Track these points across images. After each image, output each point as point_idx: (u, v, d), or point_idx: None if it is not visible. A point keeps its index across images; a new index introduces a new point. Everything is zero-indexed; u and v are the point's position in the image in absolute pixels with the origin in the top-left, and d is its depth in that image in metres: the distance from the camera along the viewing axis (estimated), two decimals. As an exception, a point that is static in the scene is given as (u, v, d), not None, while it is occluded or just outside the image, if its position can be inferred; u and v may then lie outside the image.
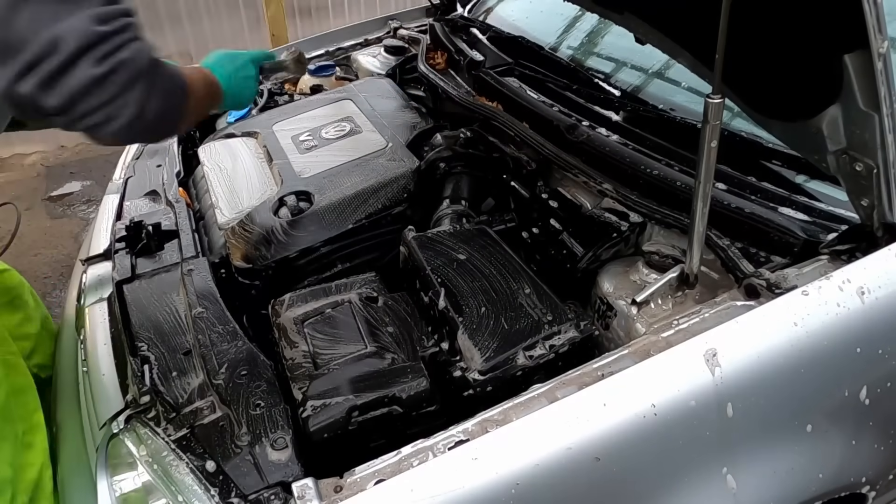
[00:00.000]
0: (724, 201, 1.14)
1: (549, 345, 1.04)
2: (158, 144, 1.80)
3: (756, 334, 0.93)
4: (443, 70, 1.92)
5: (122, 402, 1.01)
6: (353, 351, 1.10)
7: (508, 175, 1.50)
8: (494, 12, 2.11)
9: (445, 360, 1.09)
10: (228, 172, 1.63)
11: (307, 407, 0.99)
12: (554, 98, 1.56)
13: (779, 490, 0.99)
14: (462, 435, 0.85)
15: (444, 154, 1.51)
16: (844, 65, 0.89)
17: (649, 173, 1.25)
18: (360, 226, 1.38)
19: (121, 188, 1.64)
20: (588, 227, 1.28)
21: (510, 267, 1.19)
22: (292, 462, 0.89)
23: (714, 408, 0.90)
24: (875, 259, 1.00)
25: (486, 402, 0.90)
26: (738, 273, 1.03)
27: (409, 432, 0.99)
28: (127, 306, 1.22)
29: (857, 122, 0.92)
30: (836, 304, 0.96)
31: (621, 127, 1.41)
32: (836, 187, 1.10)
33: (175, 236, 1.42)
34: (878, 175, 0.93)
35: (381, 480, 0.81)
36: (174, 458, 0.91)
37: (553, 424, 0.84)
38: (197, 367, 1.06)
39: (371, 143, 1.61)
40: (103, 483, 0.95)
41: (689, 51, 1.20)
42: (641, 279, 1.14)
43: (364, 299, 1.21)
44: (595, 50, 1.75)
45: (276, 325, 1.19)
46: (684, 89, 1.46)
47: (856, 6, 0.83)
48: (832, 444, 1.03)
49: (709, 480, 0.93)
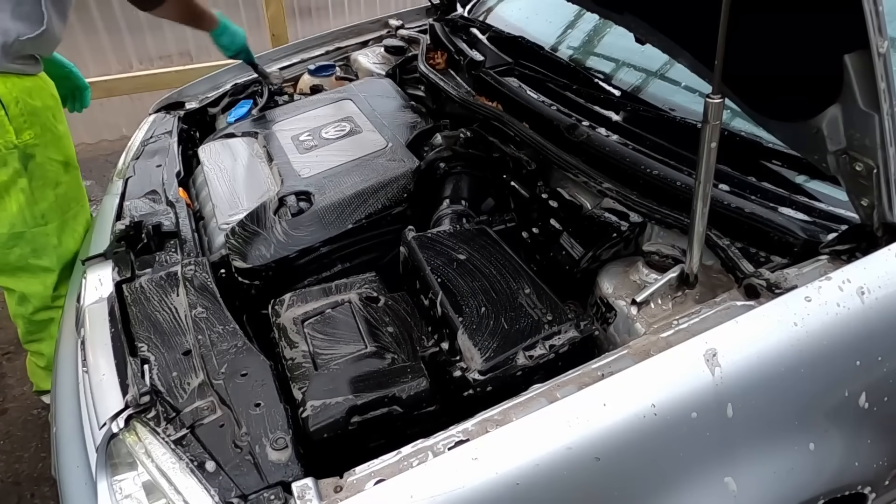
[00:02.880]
0: (724, 201, 1.14)
1: (549, 345, 1.04)
2: (158, 144, 1.81)
3: (756, 334, 0.93)
4: (443, 70, 1.92)
5: (122, 402, 1.01)
6: (353, 351, 1.10)
7: (508, 175, 1.50)
8: (494, 12, 2.11)
9: (445, 360, 1.09)
10: (228, 172, 1.63)
11: (307, 407, 0.99)
12: (554, 98, 1.56)
13: (779, 490, 0.99)
14: (462, 435, 0.85)
15: (444, 154, 1.51)
16: (844, 65, 0.89)
17: (649, 173, 1.25)
18: (360, 226, 1.38)
19: (121, 188, 1.64)
20: (588, 228, 1.28)
21: (510, 267, 1.19)
22: (292, 462, 0.89)
23: (714, 408, 0.90)
24: (875, 259, 1.00)
25: (486, 402, 0.90)
26: (738, 273, 1.03)
27: (409, 432, 0.99)
28: (127, 306, 1.22)
29: (857, 122, 0.92)
30: (836, 304, 0.96)
31: (621, 127, 1.41)
32: (836, 187, 1.10)
33: (175, 236, 1.42)
34: (878, 175, 0.93)
35: (381, 480, 0.81)
36: (174, 458, 0.91)
37: (553, 424, 0.84)
38: (197, 367, 1.06)
39: (371, 143, 1.61)
40: (103, 483, 0.95)
41: (689, 51, 1.20)
42: (641, 279, 1.13)
43: (364, 299, 1.21)
44: (595, 50, 1.75)
45: (276, 325, 1.19)
46: (684, 89, 1.46)
47: (856, 6, 0.83)
48: (832, 444, 1.03)
49: (708, 480, 0.93)
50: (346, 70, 2.24)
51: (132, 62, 3.78)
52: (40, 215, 1.61)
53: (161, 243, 1.40)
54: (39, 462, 2.06)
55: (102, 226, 1.54)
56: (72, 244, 1.69)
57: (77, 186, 1.71)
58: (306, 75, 2.17)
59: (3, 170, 1.52)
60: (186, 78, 2.32)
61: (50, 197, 1.61)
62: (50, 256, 1.66)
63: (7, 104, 1.48)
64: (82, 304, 1.29)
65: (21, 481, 2.01)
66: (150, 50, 3.79)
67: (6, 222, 1.58)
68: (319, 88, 2.10)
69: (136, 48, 3.77)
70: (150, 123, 1.96)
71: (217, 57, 2.36)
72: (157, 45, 3.80)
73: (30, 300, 1.73)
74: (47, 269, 1.68)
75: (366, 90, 1.88)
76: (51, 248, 1.65)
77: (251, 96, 2.11)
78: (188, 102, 2.07)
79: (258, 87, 2.12)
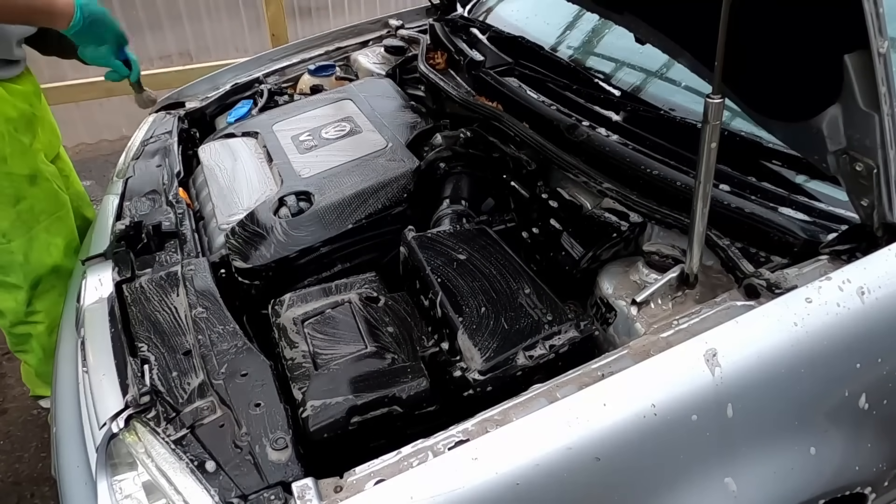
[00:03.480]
0: (724, 201, 1.14)
1: (549, 345, 1.04)
2: (158, 144, 1.81)
3: (756, 334, 0.93)
4: (443, 70, 1.92)
5: (122, 402, 1.01)
6: (353, 351, 1.10)
7: (508, 175, 1.50)
8: (494, 12, 2.11)
9: (445, 360, 1.09)
10: (228, 172, 1.63)
11: (307, 407, 0.99)
12: (554, 98, 1.56)
13: (779, 490, 0.99)
14: (462, 435, 0.85)
15: (444, 154, 1.51)
16: (844, 65, 0.89)
17: (649, 173, 1.25)
18: (360, 226, 1.38)
19: (121, 188, 1.64)
20: (588, 228, 1.28)
21: (510, 267, 1.19)
22: (292, 462, 0.89)
23: (714, 408, 0.90)
24: (875, 259, 1.00)
25: (486, 402, 0.90)
26: (738, 273, 1.03)
27: (409, 432, 0.99)
28: (127, 306, 1.22)
29: (858, 122, 0.92)
30: (836, 304, 0.96)
31: (621, 127, 1.41)
32: (836, 187, 1.10)
33: (175, 236, 1.42)
34: (878, 175, 0.93)
35: (381, 480, 0.81)
36: (174, 458, 0.91)
37: (553, 424, 0.84)
38: (197, 367, 1.06)
39: (371, 143, 1.61)
40: (103, 483, 0.95)
41: (689, 51, 1.20)
42: (641, 279, 1.13)
43: (364, 299, 1.21)
44: (595, 50, 1.75)
45: (276, 325, 1.19)
46: (684, 89, 1.46)
47: (856, 6, 0.83)
48: (832, 444, 1.03)
49: (708, 480, 0.93)
50: (346, 70, 2.24)
51: (132, 62, 3.78)
52: (1, 234, 1.55)
53: (161, 243, 1.40)
54: (39, 462, 2.06)
55: (102, 226, 1.54)
56: (45, 258, 1.63)
57: (50, 197, 1.63)
58: (306, 75, 2.17)
59: None
60: (186, 78, 2.32)
61: (10, 215, 1.55)
62: (17, 273, 1.62)
63: None
64: (82, 304, 1.29)
65: (21, 481, 2.01)
66: (150, 50, 3.79)
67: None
68: (319, 88, 2.10)
69: (136, 48, 3.72)
70: (150, 123, 1.96)
71: (217, 57, 2.35)
72: (157, 45, 3.80)
73: (6, 315, 1.70)
74: (16, 286, 1.63)
75: (366, 90, 1.88)
76: (16, 265, 1.60)
77: (251, 97, 2.11)
78: (188, 102, 2.07)
79: (258, 88, 2.12)
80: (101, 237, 1.49)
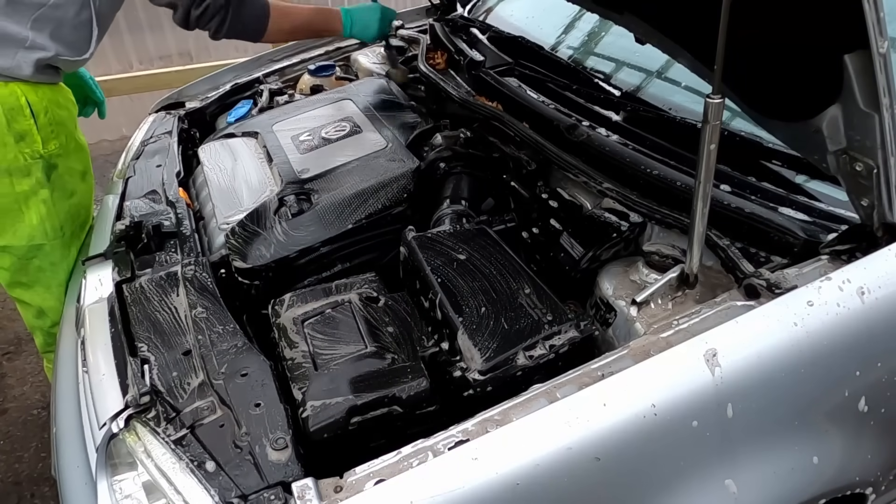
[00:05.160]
0: (724, 201, 1.14)
1: (549, 345, 1.04)
2: (158, 144, 1.81)
3: (756, 334, 0.93)
4: (443, 70, 1.92)
5: (122, 402, 1.01)
6: (353, 351, 1.10)
7: (508, 175, 1.50)
8: (494, 12, 2.11)
9: (445, 360, 1.09)
10: (228, 172, 1.63)
11: (307, 407, 0.99)
12: (554, 98, 1.56)
13: (779, 490, 0.99)
14: (462, 435, 0.85)
15: (444, 154, 1.51)
16: (844, 65, 0.89)
17: (649, 173, 1.25)
18: (360, 226, 1.38)
19: (121, 188, 1.64)
20: (588, 228, 1.28)
21: (510, 267, 1.19)
22: (292, 462, 0.89)
23: (714, 408, 0.90)
24: (875, 259, 1.00)
25: (486, 402, 0.90)
26: (738, 273, 1.03)
27: (409, 432, 0.99)
28: (127, 306, 1.22)
29: (857, 122, 0.92)
30: (836, 304, 0.96)
31: (621, 127, 1.41)
32: (836, 187, 1.10)
33: (175, 236, 1.42)
34: (878, 175, 0.93)
35: (381, 480, 0.81)
36: (174, 458, 0.91)
37: (553, 424, 0.84)
38: (197, 367, 1.06)
39: (371, 143, 1.61)
40: (103, 483, 0.95)
41: (689, 51, 1.20)
42: (641, 279, 1.13)
43: (364, 299, 1.21)
44: (595, 50, 1.75)
45: (276, 325, 1.19)
46: (684, 89, 1.46)
47: (856, 6, 0.83)
48: (832, 444, 1.03)
49: (709, 481, 0.93)
50: (346, 70, 2.24)
51: (132, 62, 3.78)
52: (59, 227, 1.58)
53: (161, 243, 1.40)
54: (39, 462, 2.06)
55: (102, 226, 1.54)
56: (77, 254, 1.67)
57: (89, 194, 1.70)
58: (306, 75, 2.17)
59: (25, 180, 1.49)
60: (186, 78, 2.32)
61: (66, 208, 1.59)
62: (65, 269, 1.63)
63: (37, 113, 1.46)
64: (82, 304, 1.29)
65: (21, 481, 2.01)
66: (150, 50, 3.79)
67: (25, 234, 1.54)
68: (319, 88, 2.10)
69: (136, 48, 3.77)
70: (150, 123, 1.96)
71: (217, 57, 2.36)
72: (157, 45, 3.80)
73: (47, 314, 1.69)
74: (61, 283, 1.64)
75: (366, 90, 1.88)
76: (65, 261, 1.63)
77: (251, 97, 2.11)
78: (188, 102, 2.07)
79: (258, 88, 2.12)
80: (101, 237, 1.49)
